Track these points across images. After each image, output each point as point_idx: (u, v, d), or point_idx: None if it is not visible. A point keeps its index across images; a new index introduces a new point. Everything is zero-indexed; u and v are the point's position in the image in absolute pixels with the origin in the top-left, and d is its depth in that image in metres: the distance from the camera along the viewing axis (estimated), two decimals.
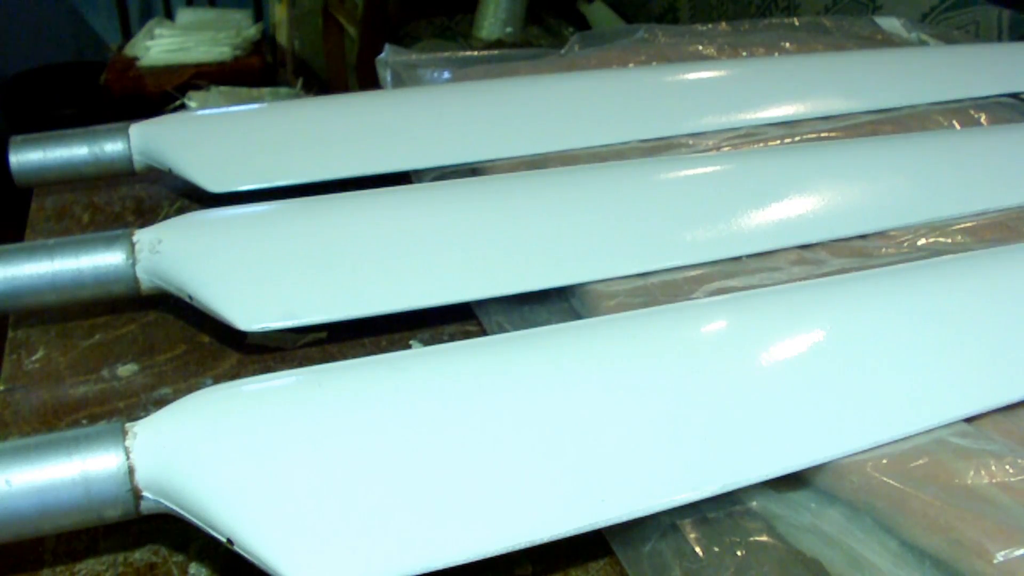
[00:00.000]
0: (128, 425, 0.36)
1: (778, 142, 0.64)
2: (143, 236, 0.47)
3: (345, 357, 0.42)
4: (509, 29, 1.78)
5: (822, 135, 0.65)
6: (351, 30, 1.82)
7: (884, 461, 0.38)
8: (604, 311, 0.47)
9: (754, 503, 0.38)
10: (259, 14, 2.27)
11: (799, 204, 0.55)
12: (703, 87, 0.69)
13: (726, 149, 0.63)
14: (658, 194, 0.55)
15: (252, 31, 2.12)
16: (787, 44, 0.80)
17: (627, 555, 0.37)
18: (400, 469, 0.35)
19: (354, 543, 0.33)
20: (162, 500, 0.35)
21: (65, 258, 0.46)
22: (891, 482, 0.37)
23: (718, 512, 0.38)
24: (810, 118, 0.68)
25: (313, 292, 0.46)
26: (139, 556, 0.38)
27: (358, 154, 0.59)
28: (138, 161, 0.58)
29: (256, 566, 0.32)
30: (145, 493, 0.35)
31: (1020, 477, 0.37)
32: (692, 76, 0.70)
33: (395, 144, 0.61)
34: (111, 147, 0.57)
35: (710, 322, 0.43)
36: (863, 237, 0.54)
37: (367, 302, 0.47)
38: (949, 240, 0.54)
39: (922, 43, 0.87)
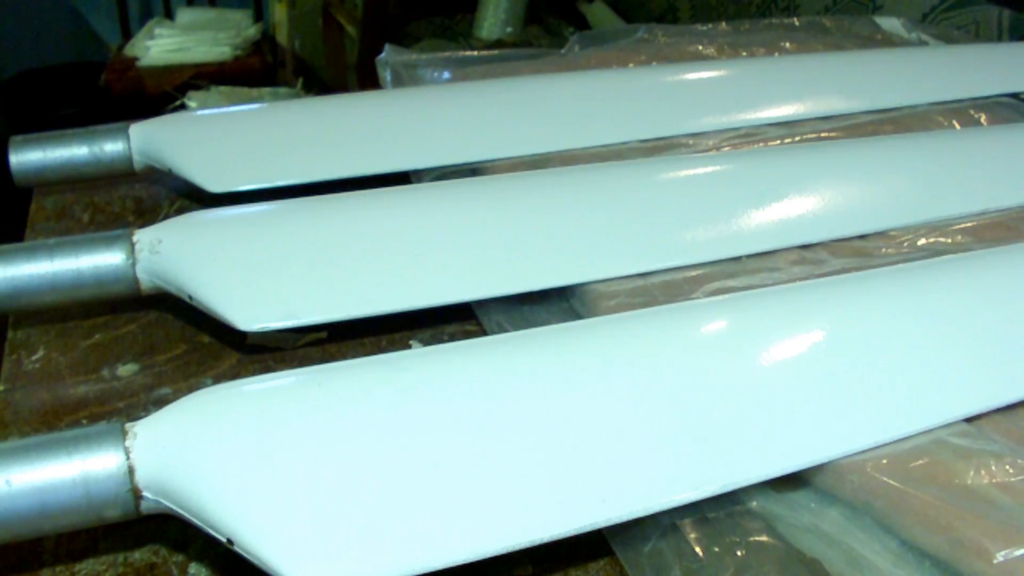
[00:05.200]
0: (128, 425, 0.36)
1: (778, 142, 0.64)
2: (143, 236, 0.47)
3: (345, 357, 0.42)
4: (509, 29, 1.78)
5: (822, 135, 0.65)
6: (351, 30, 1.82)
7: (884, 461, 0.38)
8: (604, 311, 0.47)
9: (754, 503, 0.38)
10: (259, 14, 2.27)
11: (799, 204, 0.55)
12: (703, 87, 0.69)
13: (726, 149, 0.63)
14: (658, 194, 0.55)
15: (252, 31, 2.12)
16: (787, 44, 0.80)
17: (627, 555, 0.37)
18: (400, 469, 0.35)
19: (354, 543, 0.33)
20: (162, 500, 0.35)
21: (65, 258, 0.46)
22: (891, 482, 0.37)
23: (718, 512, 0.38)
24: (810, 118, 0.67)
25: (313, 292, 0.46)
26: (139, 556, 0.38)
27: (358, 154, 0.59)
28: (138, 161, 0.58)
29: (256, 566, 0.32)
30: (145, 493, 0.35)
31: (1020, 477, 0.37)
32: (692, 76, 0.70)
33: (395, 144, 0.61)
34: (111, 147, 0.57)
35: (710, 322, 0.43)
36: (863, 237, 0.54)
37: (367, 302, 0.47)
38: (949, 240, 0.54)
39: (922, 43, 0.87)
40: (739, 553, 0.36)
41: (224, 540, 0.33)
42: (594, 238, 0.51)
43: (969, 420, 0.41)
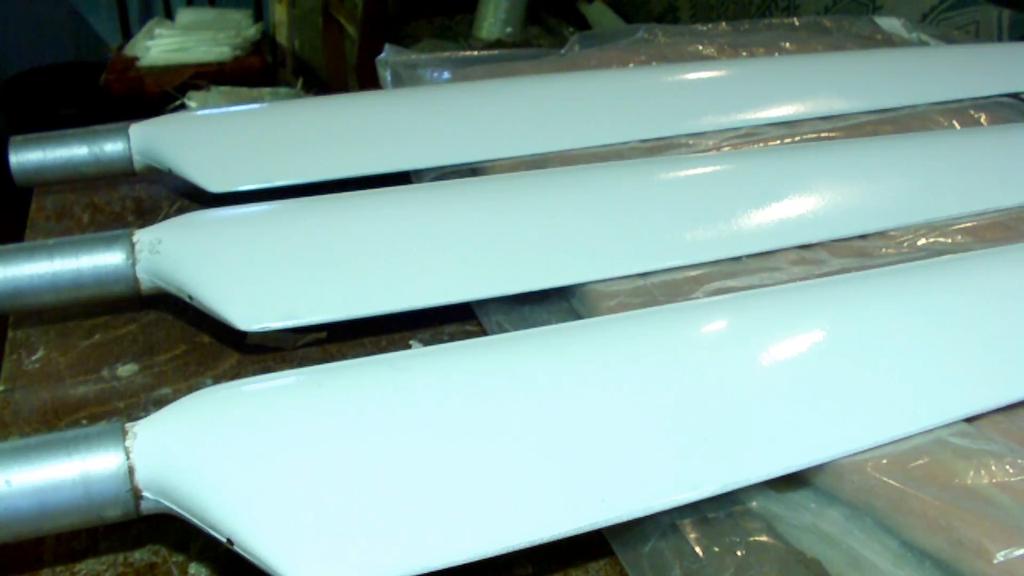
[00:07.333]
0: (128, 425, 0.36)
1: (778, 142, 0.64)
2: (143, 236, 0.47)
3: (345, 357, 0.42)
4: (509, 29, 1.78)
5: (822, 135, 0.65)
6: (351, 30, 1.82)
7: (884, 461, 0.38)
8: (604, 311, 0.47)
9: (754, 503, 0.38)
10: (259, 14, 2.27)
11: (799, 204, 0.55)
12: (703, 87, 0.69)
13: (726, 149, 0.63)
14: (658, 194, 0.55)
15: (252, 31, 2.12)
16: (787, 44, 0.80)
17: (627, 555, 0.37)
18: (400, 469, 0.35)
19: (354, 543, 0.33)
20: (162, 500, 0.35)
21: (65, 258, 0.46)
22: (891, 482, 0.37)
23: (718, 512, 0.38)
24: (810, 118, 0.68)
25: (313, 292, 0.46)
26: (139, 556, 0.38)
27: (358, 154, 0.59)
28: (138, 161, 0.58)
29: (256, 566, 0.32)
30: (145, 493, 0.35)
31: (1020, 477, 0.37)
32: (692, 76, 0.70)
33: (395, 144, 0.61)
34: (111, 147, 0.57)
35: (710, 322, 0.43)
36: (863, 237, 0.54)
37: (367, 302, 0.47)
38: (949, 240, 0.54)
39: (922, 43, 0.87)
40: (739, 553, 0.36)
41: (224, 540, 0.33)
42: (594, 238, 0.51)
43: (969, 420, 0.41)
